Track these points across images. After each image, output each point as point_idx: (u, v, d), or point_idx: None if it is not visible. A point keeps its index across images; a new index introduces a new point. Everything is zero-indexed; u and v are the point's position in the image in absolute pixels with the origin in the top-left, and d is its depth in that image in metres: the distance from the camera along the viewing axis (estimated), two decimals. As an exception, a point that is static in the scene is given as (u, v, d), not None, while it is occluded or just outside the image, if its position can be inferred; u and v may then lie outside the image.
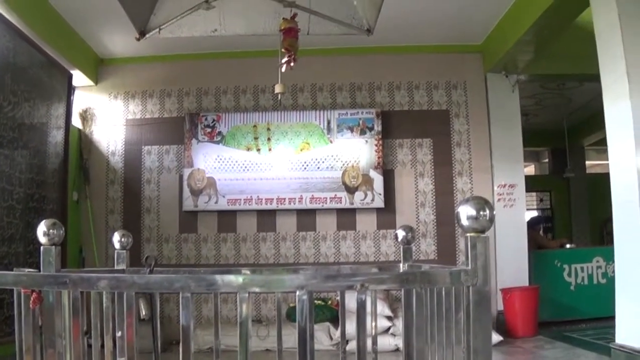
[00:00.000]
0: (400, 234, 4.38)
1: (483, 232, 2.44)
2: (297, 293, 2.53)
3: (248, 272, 4.95)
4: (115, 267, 4.68)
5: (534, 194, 21.14)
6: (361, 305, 2.61)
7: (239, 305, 2.61)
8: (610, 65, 7.00)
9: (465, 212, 2.52)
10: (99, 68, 11.45)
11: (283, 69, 4.95)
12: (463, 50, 11.38)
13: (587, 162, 20.56)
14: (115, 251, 4.75)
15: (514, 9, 9.82)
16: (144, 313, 8.93)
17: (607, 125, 7.12)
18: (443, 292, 2.84)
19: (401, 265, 4.42)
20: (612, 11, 6.82)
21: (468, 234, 2.43)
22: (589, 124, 17.63)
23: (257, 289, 2.64)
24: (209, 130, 10.90)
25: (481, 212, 2.50)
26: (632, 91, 6.63)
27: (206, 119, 10.98)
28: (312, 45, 10.40)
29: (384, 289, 3.65)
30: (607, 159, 7.27)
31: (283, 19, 4.90)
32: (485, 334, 2.53)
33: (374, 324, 4.51)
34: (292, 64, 4.92)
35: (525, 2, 9.37)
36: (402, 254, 4.41)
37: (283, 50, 4.87)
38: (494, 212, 2.45)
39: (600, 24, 7.17)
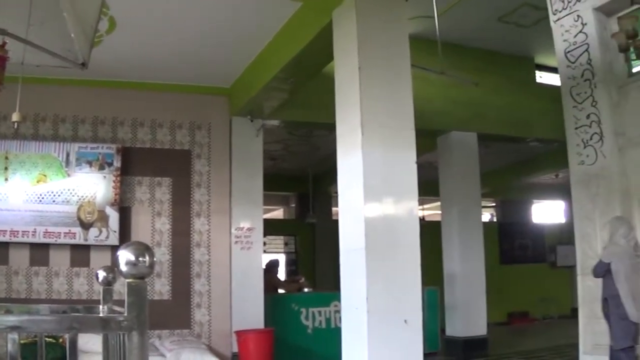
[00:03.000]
0: (101, 274, 4.33)
1: (142, 278, 2.45)
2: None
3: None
4: None
5: (281, 237, 21.48)
6: (13, 348, 2.59)
7: None
8: (346, 116, 7.45)
9: (125, 257, 2.44)
10: None
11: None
12: (210, 92, 11.80)
13: (334, 209, 21.14)
14: None
15: (261, 55, 10.39)
16: None
17: (339, 175, 7.65)
18: (119, 338, 2.85)
19: (100, 306, 4.38)
20: (353, 63, 7.26)
21: (126, 280, 2.43)
22: (335, 172, 18.18)
23: None
24: (-55, 155, 10.41)
25: (140, 258, 2.43)
26: (365, 142, 7.04)
27: (-56, 144, 10.48)
28: (54, 75, 10.25)
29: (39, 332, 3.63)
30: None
31: (-9, 47, 4.81)
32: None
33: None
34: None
35: (273, 50, 9.95)
36: (102, 295, 4.37)
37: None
38: (155, 259, 2.48)
39: (341, 75, 7.64)
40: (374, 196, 6.94)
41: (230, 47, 10.15)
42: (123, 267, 2.45)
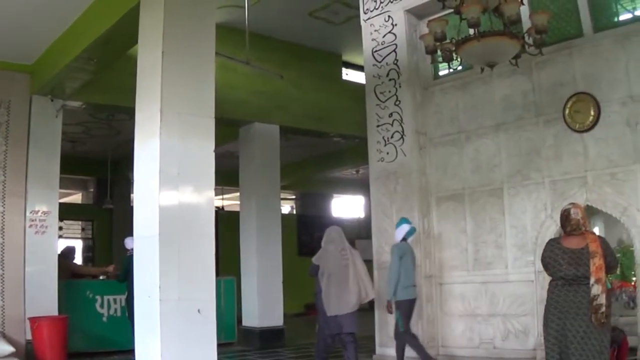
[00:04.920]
0: None
1: None
2: None
3: None
4: None
5: (79, 222, 21.11)
6: None
7: None
8: (146, 102, 7.40)
9: None
10: None
11: None
12: (11, 68, 11.53)
13: (133, 195, 21.05)
14: None
15: (66, 33, 10.33)
16: None
17: (136, 161, 7.51)
18: None
19: None
20: (157, 48, 7.21)
21: None
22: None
23: None
24: None
25: None
26: (163, 130, 7.01)
27: None
28: None
29: None
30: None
31: None
32: None
33: None
34: None
35: (78, 29, 9.92)
36: None
37: None
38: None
39: (144, 60, 7.59)
40: (170, 184, 6.91)
41: (34, 22, 9.92)
42: None
